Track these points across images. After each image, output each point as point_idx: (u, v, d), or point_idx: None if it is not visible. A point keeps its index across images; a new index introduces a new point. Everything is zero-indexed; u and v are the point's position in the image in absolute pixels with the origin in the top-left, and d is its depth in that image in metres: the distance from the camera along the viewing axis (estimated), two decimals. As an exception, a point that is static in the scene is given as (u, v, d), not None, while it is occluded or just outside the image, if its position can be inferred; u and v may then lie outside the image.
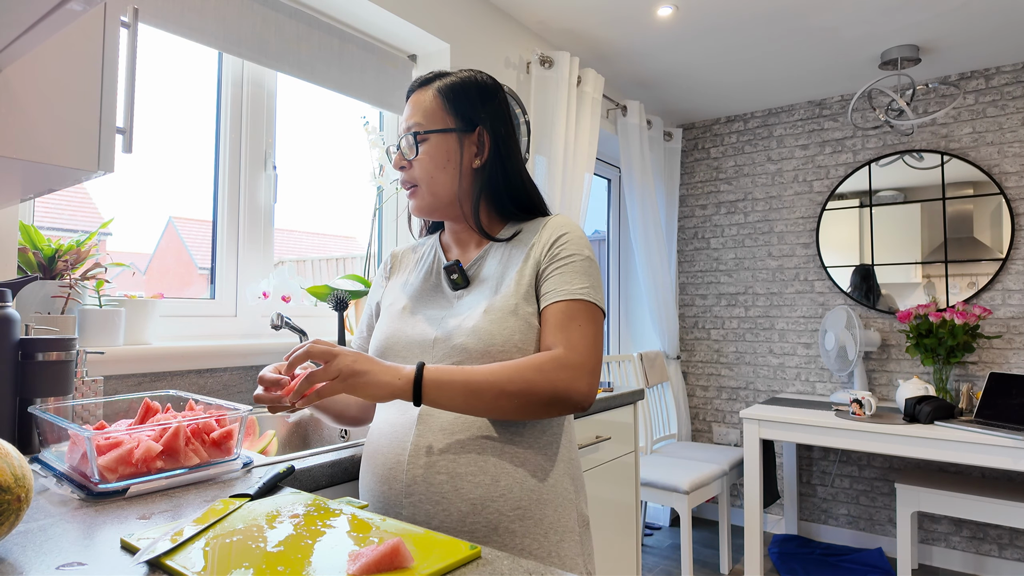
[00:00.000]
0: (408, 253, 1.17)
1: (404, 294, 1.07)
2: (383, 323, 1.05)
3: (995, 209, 2.96)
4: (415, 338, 0.98)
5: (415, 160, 1.02)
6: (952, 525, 2.99)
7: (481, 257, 1.04)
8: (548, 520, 0.92)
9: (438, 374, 0.85)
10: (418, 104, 1.03)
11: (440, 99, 1.03)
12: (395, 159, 1.05)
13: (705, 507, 3.69)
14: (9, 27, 0.63)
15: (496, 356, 0.91)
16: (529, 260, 0.99)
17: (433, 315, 1.00)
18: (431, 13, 2.16)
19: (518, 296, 0.95)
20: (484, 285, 1.00)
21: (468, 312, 0.96)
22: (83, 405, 1.14)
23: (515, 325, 0.93)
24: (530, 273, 0.97)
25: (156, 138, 1.66)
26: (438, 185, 1.02)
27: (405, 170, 1.04)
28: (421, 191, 1.03)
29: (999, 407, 2.38)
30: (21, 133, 0.83)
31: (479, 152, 1.03)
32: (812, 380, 3.40)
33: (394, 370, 0.85)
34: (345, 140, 2.20)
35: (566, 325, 0.92)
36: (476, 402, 0.85)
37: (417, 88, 1.06)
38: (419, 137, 1.01)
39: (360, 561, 0.59)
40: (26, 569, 0.61)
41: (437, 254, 1.10)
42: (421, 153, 1.01)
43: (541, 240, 1.00)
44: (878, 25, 2.56)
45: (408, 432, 0.92)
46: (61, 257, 1.33)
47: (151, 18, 1.53)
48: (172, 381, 1.47)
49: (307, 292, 1.79)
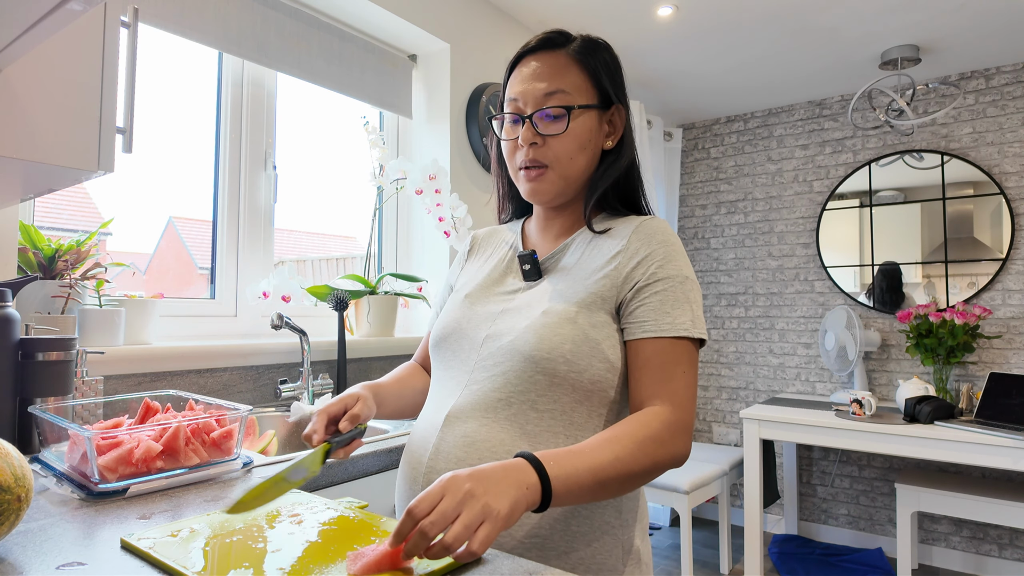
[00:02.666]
0: (490, 236, 1.07)
1: (473, 280, 0.99)
2: (446, 311, 0.97)
3: (995, 209, 2.96)
4: (468, 333, 0.90)
5: (555, 137, 0.88)
6: (952, 525, 2.99)
7: (560, 251, 0.93)
8: (577, 555, 0.80)
9: (563, 475, 0.68)
10: (556, 69, 0.89)
11: (582, 66, 0.90)
12: (525, 133, 0.88)
13: (705, 507, 3.69)
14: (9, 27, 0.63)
15: (539, 363, 0.81)
16: (612, 268, 0.86)
17: (491, 311, 0.91)
18: (431, 13, 2.16)
19: (583, 303, 0.84)
20: (554, 281, 0.90)
21: (526, 310, 0.88)
22: (83, 405, 1.14)
23: (569, 334, 0.82)
24: (610, 285, 0.85)
25: (156, 138, 1.66)
26: (574, 168, 0.90)
27: (535, 147, 0.88)
28: (551, 174, 0.89)
29: (999, 407, 2.38)
30: (21, 133, 0.83)
31: (611, 132, 0.93)
32: (812, 380, 3.40)
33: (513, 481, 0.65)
34: (345, 140, 2.20)
35: (670, 373, 0.81)
36: (603, 492, 0.73)
37: (545, 48, 0.91)
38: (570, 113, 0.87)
39: (361, 561, 0.59)
40: (26, 569, 0.61)
41: (516, 241, 1.00)
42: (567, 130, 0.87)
43: (631, 248, 0.87)
44: (878, 25, 2.56)
45: (432, 435, 0.85)
46: (61, 257, 1.33)
47: (151, 18, 1.53)
48: (172, 381, 1.47)
49: (307, 292, 1.79)
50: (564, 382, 0.82)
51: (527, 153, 0.89)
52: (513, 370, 0.83)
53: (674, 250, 0.87)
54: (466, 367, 0.88)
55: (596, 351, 0.82)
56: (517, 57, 0.93)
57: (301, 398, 1.65)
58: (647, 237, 0.87)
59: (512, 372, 0.83)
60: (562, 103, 0.87)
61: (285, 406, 1.63)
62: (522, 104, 0.89)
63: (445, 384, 0.90)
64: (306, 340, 1.65)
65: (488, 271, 0.98)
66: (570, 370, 0.81)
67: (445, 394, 0.88)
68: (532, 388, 0.82)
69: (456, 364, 0.90)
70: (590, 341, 0.82)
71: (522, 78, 0.90)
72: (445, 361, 0.92)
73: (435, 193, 1.97)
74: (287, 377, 1.71)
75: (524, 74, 0.90)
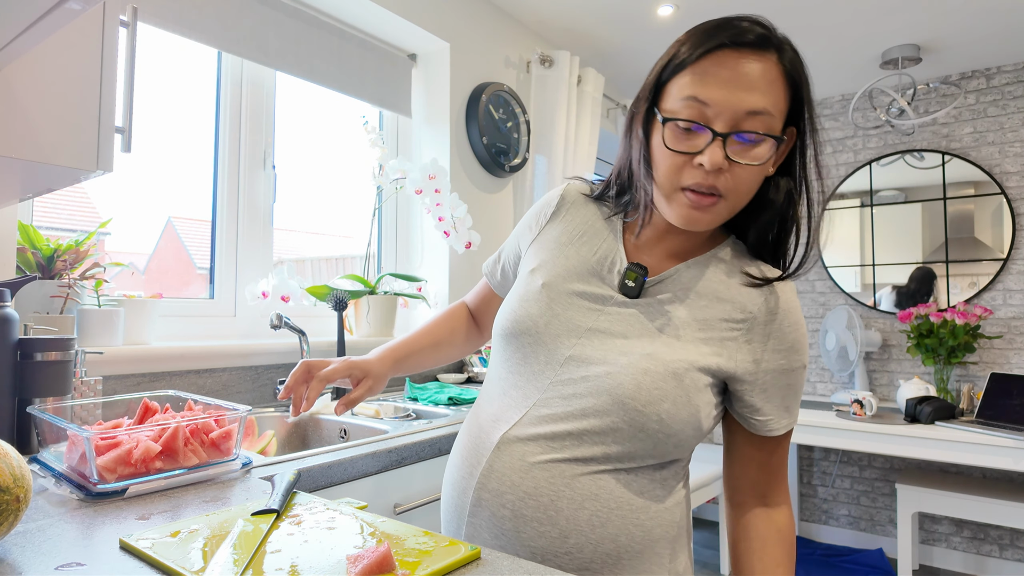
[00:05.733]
0: (583, 205, 0.89)
1: (554, 263, 0.85)
2: (519, 294, 0.85)
3: (996, 209, 2.96)
4: (546, 342, 0.79)
5: (746, 167, 0.71)
6: (953, 526, 2.99)
7: (671, 275, 0.80)
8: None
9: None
10: (769, 81, 0.70)
11: (788, 84, 0.72)
12: (714, 156, 0.69)
13: (705, 507, 3.69)
14: (8, 26, 0.63)
15: (629, 413, 0.73)
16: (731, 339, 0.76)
17: (576, 322, 0.79)
18: (431, 12, 2.16)
19: (693, 360, 0.74)
20: (656, 312, 0.78)
21: (621, 341, 0.76)
22: (82, 405, 1.13)
23: (671, 392, 0.73)
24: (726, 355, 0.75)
25: (155, 138, 1.66)
26: (744, 200, 0.75)
27: (720, 173, 0.71)
28: (723, 206, 0.73)
29: (1000, 407, 2.38)
30: (20, 132, 0.82)
31: (776, 157, 0.76)
32: (813, 380, 3.40)
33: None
34: (344, 140, 2.20)
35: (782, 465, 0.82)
36: None
37: (760, 48, 0.70)
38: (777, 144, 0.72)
39: (361, 563, 0.59)
40: (25, 569, 0.61)
41: (616, 240, 0.84)
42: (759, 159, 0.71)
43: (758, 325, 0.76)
44: (879, 25, 2.56)
45: (486, 449, 0.80)
46: (60, 257, 1.32)
47: (150, 17, 1.53)
48: (171, 381, 1.47)
49: (306, 292, 1.78)
50: (648, 439, 0.74)
51: (707, 179, 0.71)
52: (596, 408, 0.74)
53: (802, 335, 0.78)
54: (538, 383, 0.79)
55: (693, 417, 0.74)
56: (717, 44, 0.70)
57: (301, 398, 1.64)
58: (790, 323, 0.77)
59: (594, 410, 0.74)
60: (766, 129, 0.70)
61: (284, 406, 1.63)
62: (713, 114, 0.70)
63: (508, 392, 0.82)
64: (305, 340, 1.64)
65: (575, 261, 0.84)
66: (660, 430, 0.73)
67: (508, 405, 0.81)
68: (610, 433, 0.74)
69: (526, 373, 0.81)
70: (691, 406, 0.74)
71: (723, 80, 0.69)
72: (512, 363, 0.83)
73: (435, 193, 1.96)
74: (286, 377, 1.71)
75: (727, 77, 0.69)
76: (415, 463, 1.27)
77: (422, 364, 1.00)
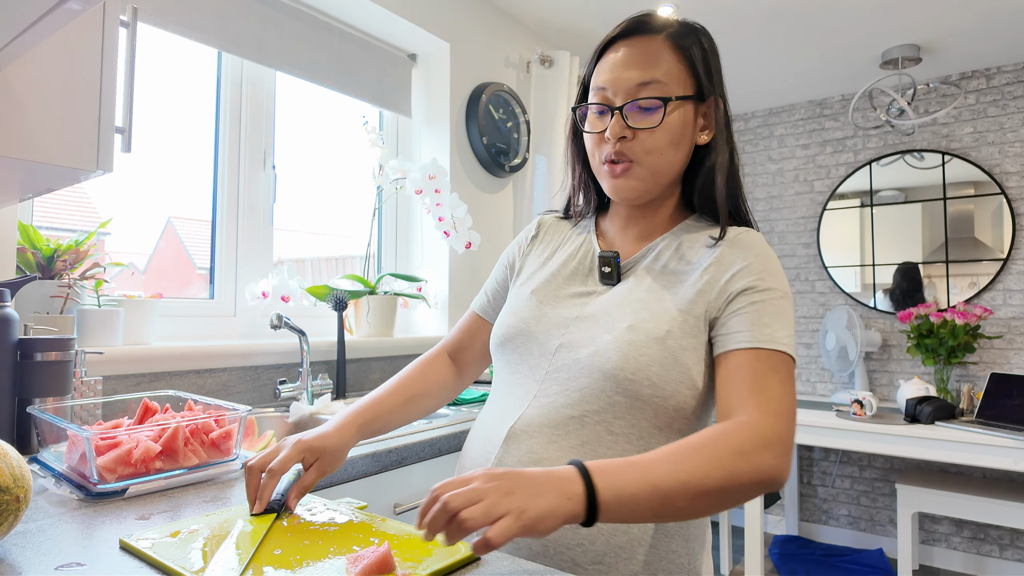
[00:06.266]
0: (556, 226, 0.99)
1: (539, 275, 0.92)
2: (512, 307, 0.90)
3: (996, 209, 2.96)
4: (538, 338, 0.84)
5: (647, 131, 0.80)
6: (953, 526, 2.99)
7: (644, 254, 0.86)
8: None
9: (615, 488, 0.61)
10: (651, 55, 0.81)
11: (680, 54, 0.82)
12: (613, 126, 0.80)
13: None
14: (8, 26, 0.63)
15: (621, 384, 0.75)
16: (704, 282, 0.79)
17: (564, 315, 0.84)
18: (431, 12, 2.16)
19: (674, 322, 0.77)
20: (635, 289, 0.83)
21: (605, 320, 0.80)
22: (82, 405, 1.13)
23: (657, 355, 0.75)
24: (702, 301, 0.78)
25: (155, 138, 1.66)
26: (666, 164, 0.82)
27: (624, 141, 0.81)
28: (640, 170, 0.82)
29: (1000, 407, 2.38)
30: (20, 132, 0.82)
31: (706, 126, 0.85)
32: (813, 380, 3.40)
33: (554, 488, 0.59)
34: (344, 140, 2.20)
35: (766, 383, 0.71)
36: (667, 510, 0.64)
37: (638, 33, 0.83)
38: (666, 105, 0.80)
39: (361, 563, 0.59)
40: (25, 569, 0.61)
41: (590, 237, 0.93)
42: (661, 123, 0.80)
43: (726, 260, 0.80)
44: (879, 25, 2.55)
45: (493, 447, 0.81)
46: (60, 257, 1.32)
47: (150, 17, 1.53)
48: (171, 381, 1.47)
49: (306, 292, 1.79)
50: (646, 406, 0.76)
51: (614, 146, 0.81)
52: (590, 387, 0.77)
53: (773, 264, 0.80)
54: (535, 376, 0.82)
55: (685, 376, 0.76)
56: (606, 42, 0.85)
57: (300, 398, 1.64)
58: (743, 249, 0.80)
59: (589, 390, 0.77)
60: (657, 94, 0.80)
61: (284, 406, 1.63)
62: (611, 94, 0.82)
63: (511, 391, 0.85)
64: (305, 340, 1.64)
65: (556, 266, 0.91)
66: (654, 394, 0.75)
67: (511, 403, 0.83)
68: (609, 409, 0.76)
69: (523, 371, 0.84)
70: (680, 365, 0.76)
71: (611, 65, 0.83)
72: (510, 365, 0.87)
73: (435, 193, 1.96)
74: (286, 377, 1.71)
75: (614, 61, 0.82)
76: (415, 463, 1.27)
77: (391, 424, 0.91)
